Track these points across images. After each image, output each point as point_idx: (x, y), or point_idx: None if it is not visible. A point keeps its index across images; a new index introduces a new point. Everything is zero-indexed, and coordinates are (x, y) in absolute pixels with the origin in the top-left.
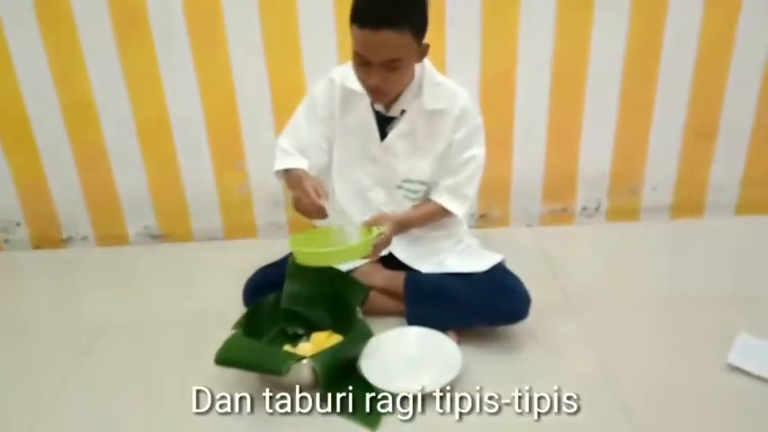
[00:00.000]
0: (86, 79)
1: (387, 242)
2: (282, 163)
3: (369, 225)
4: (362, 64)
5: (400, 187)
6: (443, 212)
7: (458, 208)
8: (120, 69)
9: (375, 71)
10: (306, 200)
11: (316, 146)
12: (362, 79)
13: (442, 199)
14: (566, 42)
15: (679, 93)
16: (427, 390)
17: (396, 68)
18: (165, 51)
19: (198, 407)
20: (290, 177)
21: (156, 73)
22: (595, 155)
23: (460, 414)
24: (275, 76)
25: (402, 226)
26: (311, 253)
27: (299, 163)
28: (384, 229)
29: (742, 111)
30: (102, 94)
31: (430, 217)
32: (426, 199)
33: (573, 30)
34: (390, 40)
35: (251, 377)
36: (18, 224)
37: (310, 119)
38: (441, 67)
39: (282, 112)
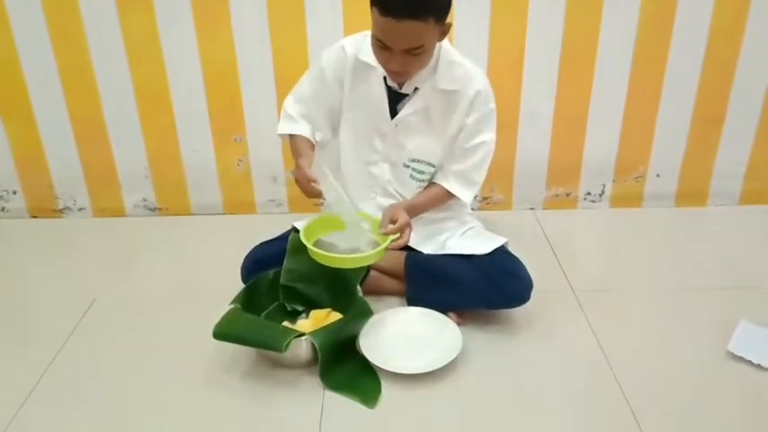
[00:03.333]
0: (86, 48)
1: (409, 229)
2: (285, 128)
3: (385, 220)
4: (383, 48)
5: (407, 166)
6: (449, 196)
7: (465, 194)
8: (120, 39)
9: (396, 56)
10: (302, 184)
11: (320, 115)
12: (382, 63)
13: (449, 184)
14: (575, 25)
15: (687, 80)
16: (426, 370)
17: (418, 54)
18: (165, 21)
19: (194, 381)
20: (293, 145)
21: (157, 44)
22: (601, 140)
23: (458, 395)
24: (278, 51)
25: (413, 210)
26: (326, 256)
27: (301, 130)
28: (396, 236)
29: (749, 100)
30: (101, 64)
31: (436, 201)
32: (432, 182)
33: (583, 13)
34: (414, 29)
35: (249, 352)
36: (15, 193)
37: (316, 87)
38: None
39: (284, 87)
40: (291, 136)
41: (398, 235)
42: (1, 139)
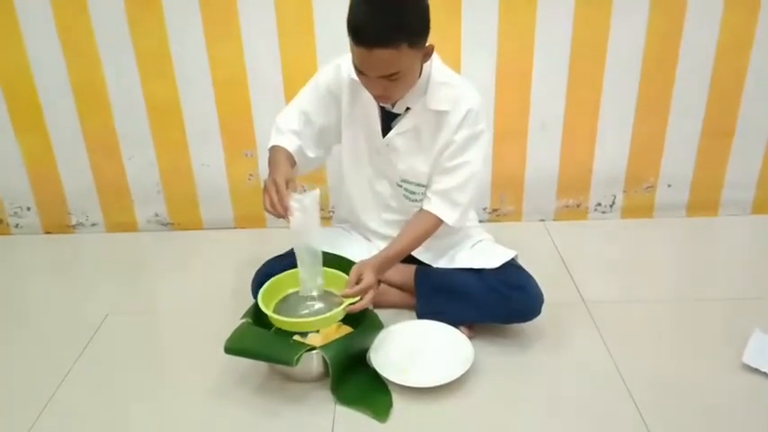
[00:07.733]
0: (98, 64)
1: (373, 291)
2: (272, 140)
3: (352, 279)
4: (361, 74)
5: (399, 186)
6: (435, 224)
7: (448, 215)
8: (132, 55)
9: (375, 82)
10: (271, 198)
11: (310, 131)
12: (364, 86)
13: (430, 204)
14: (584, 36)
15: (697, 90)
16: (438, 383)
17: (396, 79)
18: (177, 37)
19: (205, 395)
20: (271, 156)
21: (168, 60)
22: (611, 150)
23: (470, 409)
24: (288, 66)
25: (388, 263)
26: (282, 321)
27: (285, 142)
28: (355, 299)
29: (760, 109)
30: (113, 80)
31: (421, 236)
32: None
33: (591, 23)
34: (386, 57)
35: (260, 366)
36: (29, 209)
37: (311, 104)
38: (456, 59)
39: None
40: (272, 147)
41: (359, 298)
42: (15, 156)
